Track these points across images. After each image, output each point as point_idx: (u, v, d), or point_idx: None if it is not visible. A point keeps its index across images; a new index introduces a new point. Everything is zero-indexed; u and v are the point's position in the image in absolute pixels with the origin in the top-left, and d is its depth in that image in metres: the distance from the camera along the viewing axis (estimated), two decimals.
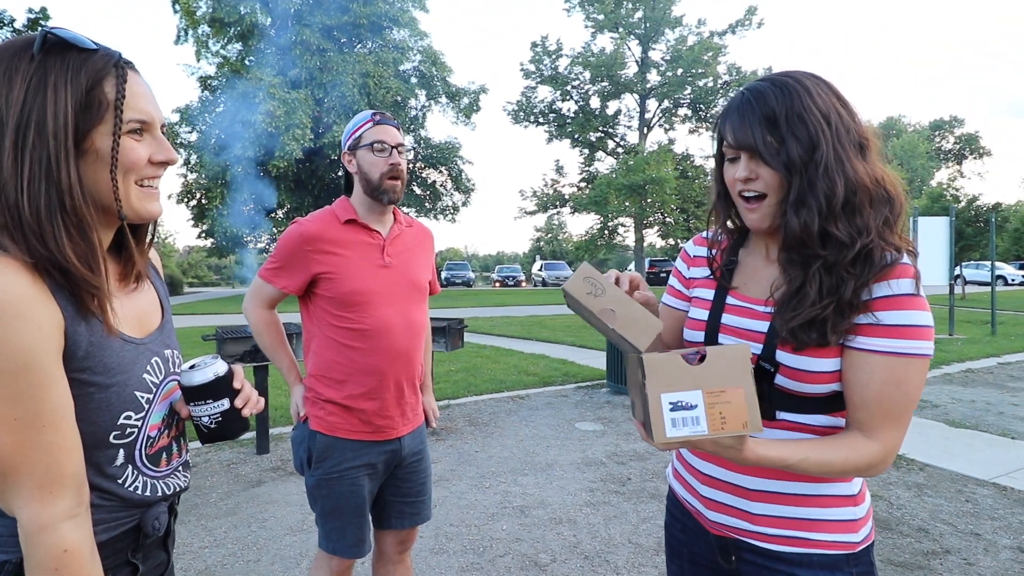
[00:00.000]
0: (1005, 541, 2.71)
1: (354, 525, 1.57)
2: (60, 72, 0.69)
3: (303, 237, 1.53)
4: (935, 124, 46.15)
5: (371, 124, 1.56)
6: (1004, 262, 28.39)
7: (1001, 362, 7.25)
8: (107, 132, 0.71)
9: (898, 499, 3.19)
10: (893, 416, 0.84)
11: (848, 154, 0.85)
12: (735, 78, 23.48)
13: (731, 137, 0.89)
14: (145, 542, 0.83)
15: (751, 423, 0.70)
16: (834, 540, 0.90)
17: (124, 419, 0.77)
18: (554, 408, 5.19)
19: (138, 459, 0.81)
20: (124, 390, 0.76)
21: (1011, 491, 3.28)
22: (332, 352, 1.54)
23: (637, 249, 24.28)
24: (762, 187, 0.88)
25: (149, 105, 0.76)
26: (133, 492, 0.80)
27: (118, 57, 0.74)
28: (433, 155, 23.52)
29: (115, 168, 0.72)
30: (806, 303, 0.84)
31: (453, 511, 3.08)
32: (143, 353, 0.81)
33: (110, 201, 0.74)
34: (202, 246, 26.76)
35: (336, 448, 1.54)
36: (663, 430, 0.71)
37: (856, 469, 0.84)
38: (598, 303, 0.80)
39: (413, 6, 21.95)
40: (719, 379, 0.72)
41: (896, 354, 0.82)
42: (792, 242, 0.87)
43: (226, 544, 2.74)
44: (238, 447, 4.15)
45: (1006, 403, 5.23)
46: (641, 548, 2.68)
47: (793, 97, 0.85)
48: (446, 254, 59.21)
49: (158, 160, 0.77)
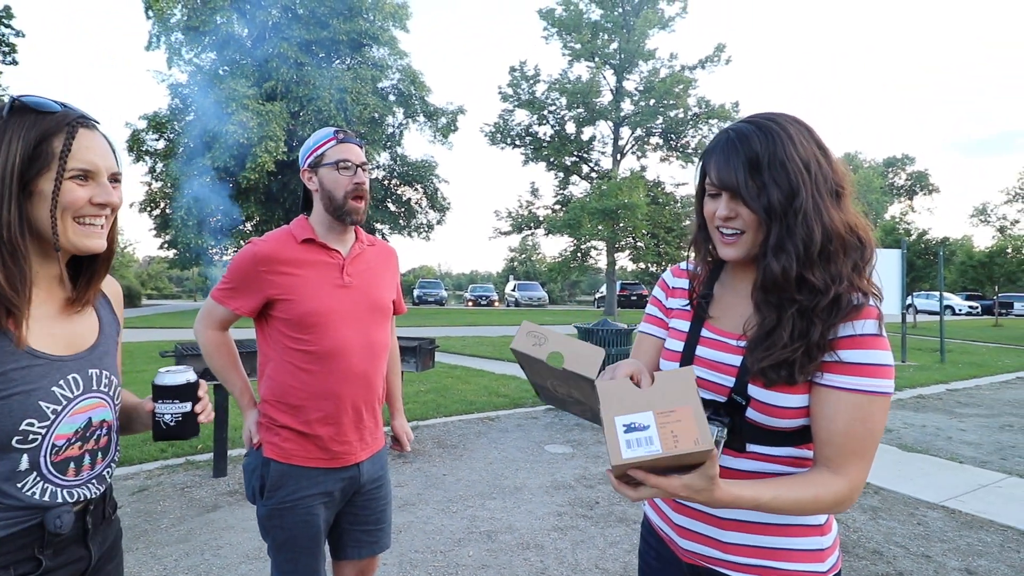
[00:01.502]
0: (954, 563, 2.82)
1: (308, 556, 1.50)
2: (17, 130, 0.85)
3: (256, 258, 1.48)
4: (888, 161, 48.75)
5: (334, 142, 1.52)
6: (952, 293, 29.93)
7: (950, 388, 7.60)
8: (51, 178, 0.86)
9: (854, 522, 3.28)
10: (858, 452, 0.86)
11: (826, 202, 0.89)
12: (704, 110, 24.39)
13: (714, 176, 0.92)
14: (52, 540, 0.89)
15: (702, 439, 0.72)
16: (801, 570, 0.92)
17: (26, 425, 0.85)
18: (524, 430, 5.17)
19: (43, 466, 0.88)
20: (27, 399, 0.85)
21: (959, 514, 3.41)
22: (288, 376, 1.48)
23: (609, 272, 24.64)
24: (741, 225, 0.92)
25: (95, 156, 0.89)
26: (31, 497, 0.87)
27: (75, 117, 0.88)
28: (409, 173, 23.51)
29: (54, 207, 0.86)
30: (778, 345, 0.87)
31: (419, 536, 3.01)
32: (58, 369, 0.90)
33: (49, 235, 0.87)
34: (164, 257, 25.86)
35: (291, 476, 1.48)
36: (619, 451, 0.73)
37: (826, 507, 0.86)
38: (543, 351, 0.84)
39: (394, 25, 22.13)
40: (668, 400, 0.74)
41: (861, 392, 0.85)
42: (769, 285, 0.89)
43: (177, 573, 2.60)
44: (193, 469, 3.98)
45: (954, 428, 5.47)
46: (608, 573, 2.67)
47: (776, 143, 0.88)
48: (419, 272, 58.76)
49: (97, 202, 0.90)
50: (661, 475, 0.77)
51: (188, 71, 20.60)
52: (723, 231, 0.94)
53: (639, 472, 0.76)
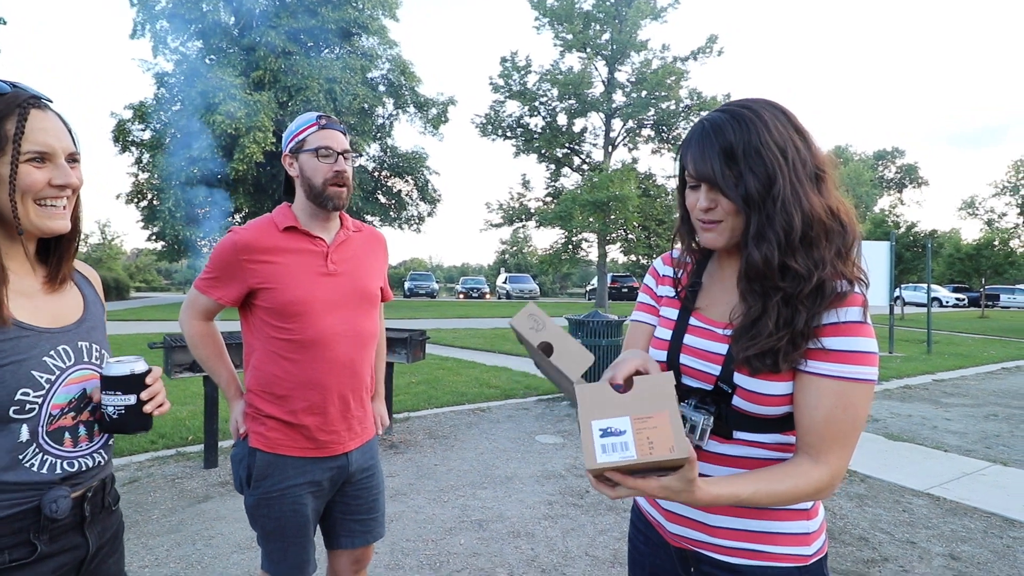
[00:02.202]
0: (938, 549, 2.87)
1: (296, 546, 1.49)
2: None
3: (237, 246, 1.45)
4: (879, 154, 49.15)
5: (316, 128, 1.49)
6: (939, 285, 30.35)
7: (936, 379, 7.72)
8: (7, 162, 0.86)
9: (841, 509, 3.33)
10: (840, 439, 0.86)
11: (804, 188, 0.88)
12: (696, 102, 24.38)
13: (691, 168, 0.92)
14: (49, 525, 0.89)
15: (677, 447, 0.72)
16: (787, 553, 0.93)
17: (21, 395, 0.86)
18: (515, 421, 5.18)
19: (40, 435, 0.89)
20: (20, 368, 0.86)
21: (944, 501, 3.48)
22: (273, 366, 1.47)
23: (600, 264, 24.69)
24: (720, 215, 0.92)
25: (50, 138, 0.89)
26: (30, 468, 0.88)
27: (25, 98, 0.88)
28: (399, 164, 23.35)
29: (13, 191, 0.86)
30: (763, 334, 0.87)
31: (410, 526, 3.02)
32: (47, 340, 0.92)
33: (11, 218, 0.88)
34: (152, 249, 25.54)
35: (277, 466, 1.47)
36: (594, 456, 0.73)
37: (805, 495, 0.87)
38: (538, 337, 0.84)
39: (383, 14, 21.87)
40: (645, 405, 0.74)
41: (844, 379, 0.86)
42: (752, 274, 0.89)
43: (168, 563, 2.59)
44: (184, 460, 3.96)
45: (940, 418, 5.57)
46: (598, 560, 2.70)
47: (751, 130, 0.87)
48: (410, 264, 58.55)
49: (57, 184, 0.90)
50: (639, 477, 0.77)
51: (174, 60, 20.25)
52: (703, 221, 0.94)
53: (616, 474, 0.76)
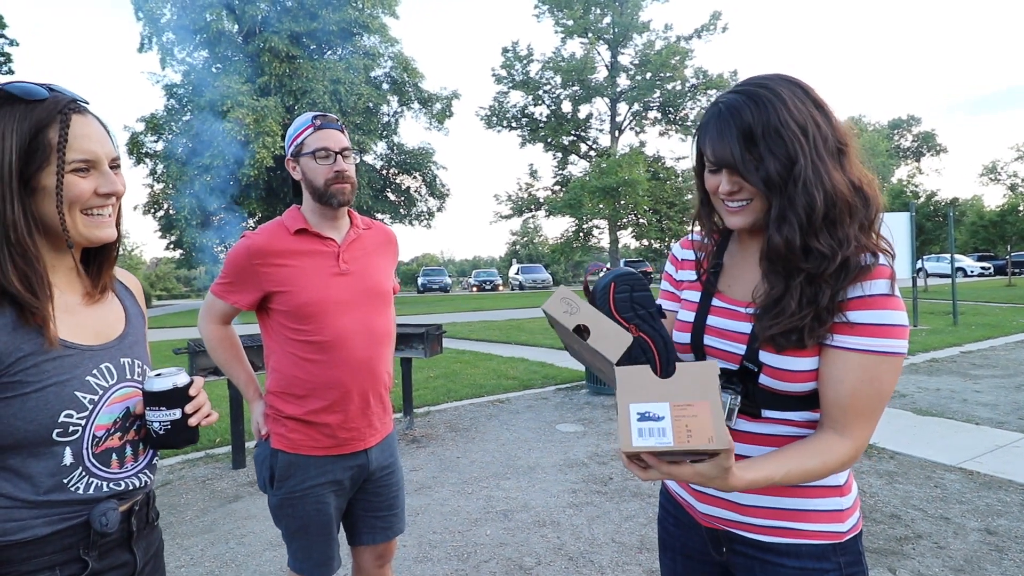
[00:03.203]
0: (973, 524, 2.81)
1: (320, 544, 1.52)
2: (8, 123, 0.80)
3: (250, 251, 1.47)
4: (894, 123, 47.88)
5: (312, 129, 1.50)
6: (963, 254, 29.61)
7: (963, 351, 7.54)
8: (52, 172, 0.82)
9: (870, 487, 3.27)
10: (865, 413, 0.85)
11: (827, 165, 0.86)
12: (702, 81, 23.99)
13: (710, 153, 0.90)
14: (98, 540, 0.87)
15: (717, 437, 0.71)
16: (821, 530, 0.92)
17: (65, 417, 0.82)
18: (535, 411, 5.19)
19: (86, 458, 0.86)
20: (63, 390, 0.82)
21: (977, 475, 3.40)
22: (292, 367, 1.48)
23: (612, 250, 24.54)
24: (747, 195, 0.90)
25: (94, 144, 0.85)
26: (75, 492, 0.85)
27: (65, 103, 0.83)
28: (407, 161, 23.38)
29: (61, 203, 0.83)
30: (786, 313, 0.85)
31: (436, 518, 3.04)
32: (90, 359, 0.88)
33: (58, 231, 0.84)
34: (170, 258, 26.01)
35: (299, 466, 1.49)
36: (630, 439, 0.73)
37: (833, 470, 0.87)
38: (573, 320, 0.83)
39: (383, 12, 21.82)
40: (687, 393, 0.74)
41: (870, 352, 0.84)
42: (775, 256, 0.88)
43: (203, 562, 2.65)
44: (213, 462, 4.04)
45: (969, 390, 5.44)
46: (625, 547, 2.69)
47: (769, 111, 0.85)
48: (422, 260, 58.78)
49: (103, 192, 0.86)
50: (672, 462, 0.77)
51: (181, 71, 20.47)
52: (728, 204, 0.92)
53: (650, 457, 0.76)
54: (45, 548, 0.81)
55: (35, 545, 0.80)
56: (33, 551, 0.80)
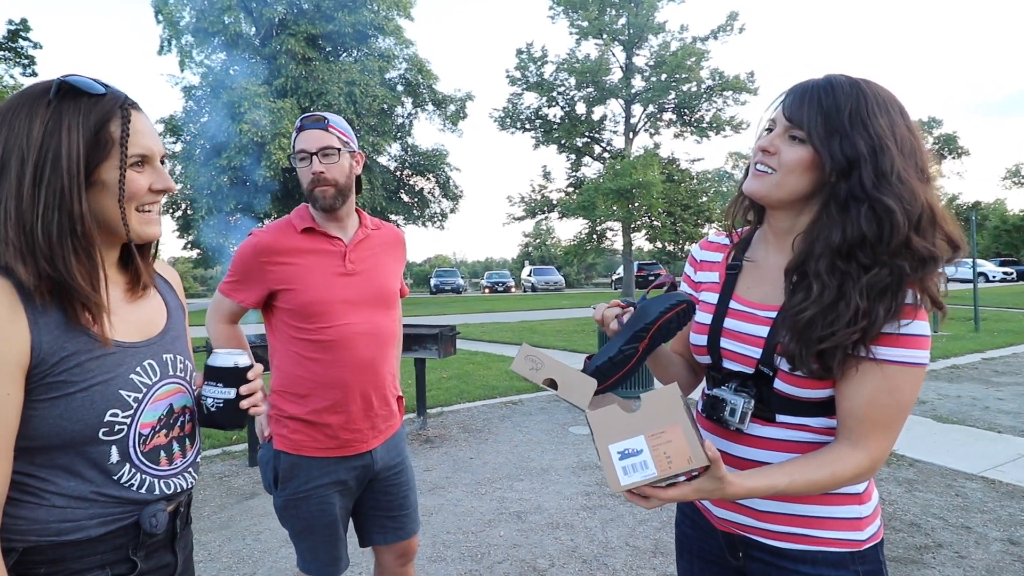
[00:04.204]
0: (995, 534, 2.76)
1: (326, 544, 1.52)
2: (73, 115, 0.79)
3: (256, 249, 1.48)
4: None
5: (296, 132, 1.51)
6: (985, 259, 28.97)
7: (985, 357, 7.39)
8: (113, 166, 0.82)
9: (889, 495, 3.22)
10: (882, 424, 0.84)
11: (911, 173, 0.82)
12: (718, 82, 23.77)
13: (785, 108, 0.88)
14: (146, 540, 0.87)
15: (695, 456, 0.74)
16: (838, 538, 0.90)
17: (110, 416, 0.82)
18: (547, 413, 5.19)
19: (134, 456, 0.85)
20: (107, 389, 0.82)
21: (999, 484, 3.33)
22: (294, 366, 1.49)
23: (625, 253, 24.40)
24: (775, 164, 0.88)
25: (150, 140, 0.85)
26: (129, 488, 0.85)
27: (123, 99, 0.84)
28: (420, 162, 23.49)
29: (123, 198, 0.83)
30: (840, 323, 0.81)
31: (450, 518, 3.06)
32: (132, 356, 0.87)
33: (116, 226, 0.84)
34: (188, 257, 26.43)
35: (302, 467, 1.49)
36: (617, 479, 0.76)
37: (845, 480, 0.85)
38: (539, 376, 0.88)
39: (398, 15, 21.97)
40: (657, 421, 0.76)
41: (890, 362, 0.83)
42: (847, 249, 0.82)
43: (221, 558, 2.69)
44: (230, 459, 4.10)
45: (991, 398, 5.33)
46: (638, 551, 2.68)
47: (862, 100, 0.83)
48: (435, 261, 59.01)
49: (157, 189, 0.87)
50: (669, 486, 0.79)
51: (200, 73, 20.81)
52: (757, 166, 0.91)
53: (646, 489, 0.78)
54: (98, 547, 0.82)
55: (89, 544, 0.81)
56: (87, 550, 0.81)
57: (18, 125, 0.78)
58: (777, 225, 0.96)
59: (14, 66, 17.77)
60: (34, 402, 0.77)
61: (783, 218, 0.94)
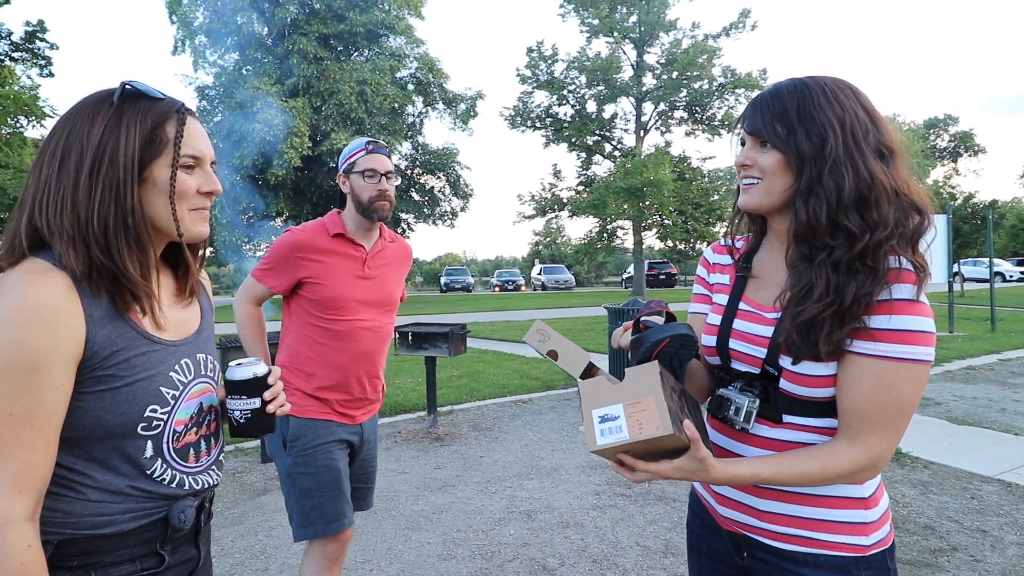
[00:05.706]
0: (1012, 537, 2.72)
1: (332, 498, 1.67)
2: (132, 115, 0.84)
3: (294, 245, 1.70)
4: (929, 123, 46.20)
5: (364, 152, 1.74)
6: (1002, 259, 28.43)
7: (1002, 358, 7.27)
8: (165, 164, 0.85)
9: (904, 497, 3.19)
10: (882, 422, 0.83)
11: (863, 153, 0.87)
12: (730, 80, 23.58)
13: (746, 125, 0.94)
14: (173, 535, 0.90)
15: (662, 425, 0.80)
16: (841, 542, 0.90)
17: (150, 412, 0.85)
18: (558, 412, 5.19)
19: (167, 452, 0.88)
20: (150, 384, 0.85)
21: (1016, 487, 3.28)
22: (306, 347, 1.71)
23: (636, 251, 24.31)
24: (757, 173, 0.93)
25: (202, 144, 0.90)
26: (161, 483, 0.88)
27: (180, 105, 0.89)
28: (431, 161, 23.55)
29: (173, 195, 0.86)
30: (811, 298, 0.86)
31: (460, 517, 3.08)
32: (172, 354, 0.90)
33: (164, 223, 0.87)
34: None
35: (309, 427, 1.69)
36: (594, 439, 0.84)
37: (838, 476, 0.85)
38: (545, 347, 0.99)
39: (409, 14, 22.03)
40: (636, 393, 0.84)
41: (886, 358, 0.82)
42: (801, 231, 0.88)
43: (233, 553, 2.73)
44: (243, 456, 4.15)
45: (1008, 399, 5.24)
46: (648, 551, 2.68)
47: (806, 96, 0.89)
48: (445, 259, 59.14)
49: (205, 191, 0.91)
50: (652, 460, 0.85)
51: (213, 72, 21.02)
52: (744, 181, 0.96)
53: (627, 457, 0.84)
54: (129, 541, 0.84)
55: (121, 538, 0.84)
56: (119, 544, 0.84)
57: (80, 124, 0.83)
58: (777, 228, 0.99)
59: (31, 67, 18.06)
60: (81, 394, 0.79)
61: (781, 221, 0.97)
